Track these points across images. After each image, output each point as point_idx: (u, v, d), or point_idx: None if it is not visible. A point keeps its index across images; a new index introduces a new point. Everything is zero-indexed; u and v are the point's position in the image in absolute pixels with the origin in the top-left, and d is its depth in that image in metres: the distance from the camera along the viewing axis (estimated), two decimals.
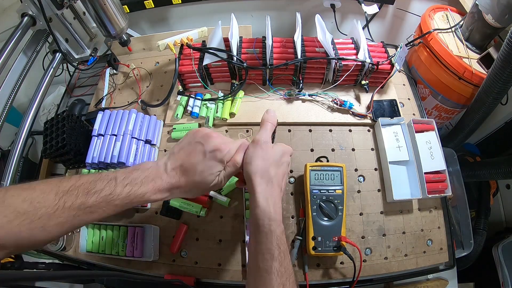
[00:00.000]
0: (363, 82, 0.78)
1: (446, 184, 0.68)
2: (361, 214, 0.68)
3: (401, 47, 0.75)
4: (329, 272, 0.64)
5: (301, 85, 0.78)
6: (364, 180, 0.71)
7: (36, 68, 0.75)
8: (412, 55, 0.95)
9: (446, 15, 0.93)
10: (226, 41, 0.77)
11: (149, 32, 1.17)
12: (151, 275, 0.66)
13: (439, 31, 0.86)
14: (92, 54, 0.80)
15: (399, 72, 0.86)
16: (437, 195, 0.67)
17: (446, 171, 0.69)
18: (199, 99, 0.78)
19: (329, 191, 0.63)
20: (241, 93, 0.79)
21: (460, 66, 0.80)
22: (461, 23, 0.88)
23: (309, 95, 0.78)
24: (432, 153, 0.70)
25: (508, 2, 0.70)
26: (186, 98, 0.79)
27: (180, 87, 0.81)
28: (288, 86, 0.81)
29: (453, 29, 0.88)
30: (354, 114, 0.77)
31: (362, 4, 1.01)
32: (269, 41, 0.73)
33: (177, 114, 0.77)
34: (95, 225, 0.68)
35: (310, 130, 0.76)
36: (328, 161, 0.70)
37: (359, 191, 0.70)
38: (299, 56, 0.73)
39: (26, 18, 0.65)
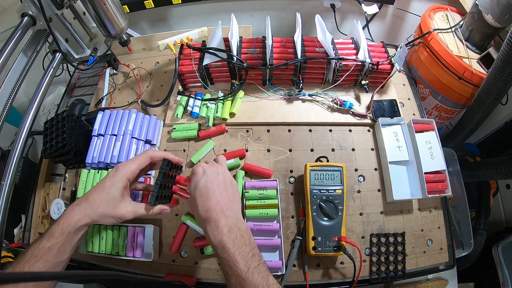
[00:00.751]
0: (363, 82, 0.78)
1: (446, 184, 0.68)
2: (361, 214, 0.68)
3: (401, 47, 0.75)
4: (329, 272, 0.64)
5: (301, 85, 0.78)
6: (364, 180, 0.71)
7: (36, 68, 0.75)
8: (412, 55, 0.95)
9: (446, 15, 0.93)
10: (226, 41, 0.77)
11: (149, 32, 1.17)
12: (151, 275, 0.66)
13: (439, 31, 0.87)
14: (92, 54, 0.80)
15: (399, 72, 0.86)
16: (437, 195, 0.67)
17: (446, 171, 0.69)
18: (199, 99, 0.78)
19: (329, 191, 0.63)
20: (241, 93, 0.79)
21: (460, 66, 0.80)
22: (461, 23, 0.88)
23: (309, 95, 0.78)
24: (432, 153, 0.70)
25: (508, 2, 0.70)
26: (186, 98, 0.79)
27: (180, 87, 0.81)
28: (288, 86, 0.81)
29: (453, 29, 0.88)
30: (354, 114, 0.77)
31: (362, 4, 1.01)
32: (269, 41, 0.73)
33: (177, 114, 0.77)
34: (95, 225, 0.68)
35: (310, 130, 0.76)
36: (328, 161, 0.70)
37: (359, 191, 0.70)
38: (299, 56, 0.73)
39: (26, 18, 0.65)
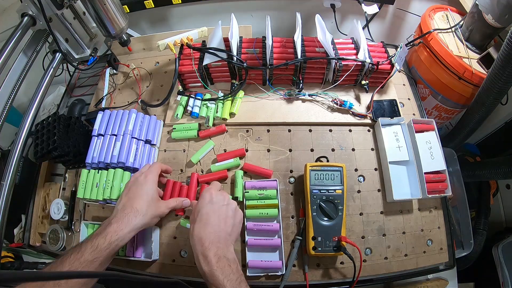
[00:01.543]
0: (363, 82, 0.78)
1: (446, 184, 0.68)
2: (361, 214, 0.68)
3: (401, 47, 0.75)
4: (329, 272, 0.64)
5: (301, 85, 0.78)
6: (364, 180, 0.71)
7: (36, 68, 0.75)
8: (412, 55, 0.95)
9: (446, 15, 0.93)
10: (226, 41, 0.77)
11: (149, 32, 1.17)
12: (151, 275, 0.66)
13: (439, 31, 0.86)
14: (92, 54, 0.80)
15: (399, 72, 0.86)
16: (437, 195, 0.67)
17: (446, 171, 0.69)
18: (199, 99, 0.78)
19: (329, 191, 0.63)
20: (241, 93, 0.79)
21: (460, 66, 0.80)
22: (461, 23, 0.88)
23: (309, 95, 0.78)
24: (432, 153, 0.70)
25: (508, 2, 0.70)
26: (186, 98, 0.79)
27: (180, 87, 0.81)
28: (288, 86, 0.81)
29: (453, 29, 0.88)
30: (354, 114, 0.77)
31: (362, 4, 1.01)
32: (269, 41, 0.73)
33: (177, 114, 0.77)
34: (95, 225, 0.68)
35: (310, 130, 0.76)
36: (328, 161, 0.70)
37: (359, 191, 0.70)
38: (299, 56, 0.73)
39: (26, 18, 0.65)
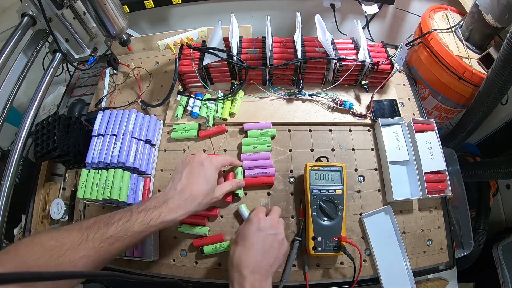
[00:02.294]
0: (363, 82, 0.78)
1: (446, 184, 0.68)
2: (361, 214, 0.68)
3: (401, 47, 0.75)
4: (329, 272, 0.64)
5: (301, 85, 0.78)
6: (364, 180, 0.71)
7: (36, 68, 0.75)
8: (412, 55, 0.95)
9: (446, 15, 0.93)
10: (226, 41, 0.77)
11: (149, 32, 1.17)
12: (151, 275, 0.66)
13: (439, 31, 0.86)
14: (92, 54, 0.80)
15: (399, 72, 0.86)
16: (437, 195, 0.67)
17: (446, 171, 0.69)
18: (199, 99, 0.78)
19: (329, 191, 0.63)
20: (241, 93, 0.79)
21: (460, 66, 0.80)
22: (461, 23, 0.88)
23: (309, 95, 0.78)
24: (432, 153, 0.70)
25: (508, 2, 0.70)
26: (186, 98, 0.79)
27: (180, 87, 0.81)
28: (288, 86, 0.81)
29: (453, 29, 0.88)
30: (354, 114, 0.77)
31: (362, 4, 1.01)
32: (269, 41, 0.73)
33: (177, 114, 0.77)
34: None
35: (310, 130, 0.76)
36: (328, 161, 0.70)
37: (359, 191, 0.70)
38: (299, 56, 0.73)
39: (26, 18, 0.66)
